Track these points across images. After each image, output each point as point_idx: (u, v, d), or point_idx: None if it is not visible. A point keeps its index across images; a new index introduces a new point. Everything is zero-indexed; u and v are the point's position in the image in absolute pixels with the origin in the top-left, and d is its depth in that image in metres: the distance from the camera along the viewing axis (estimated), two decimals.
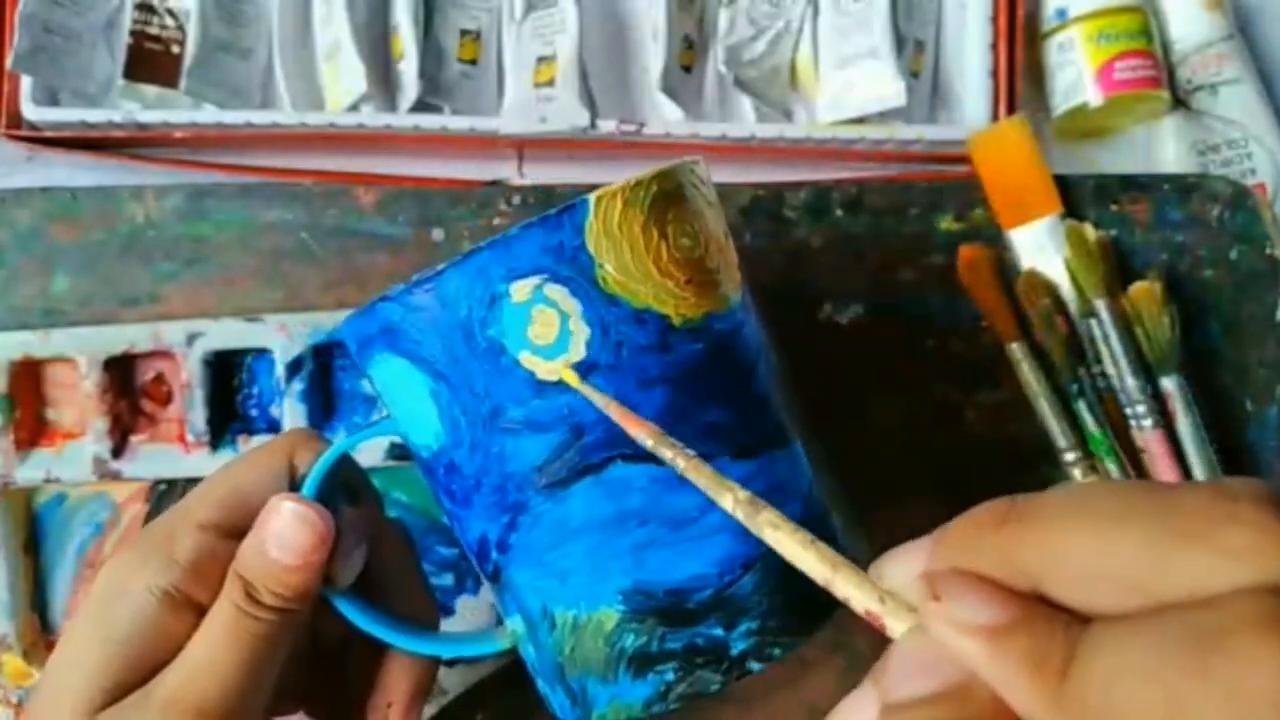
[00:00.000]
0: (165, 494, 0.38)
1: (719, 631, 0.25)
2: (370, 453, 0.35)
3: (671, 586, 0.25)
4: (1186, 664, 0.14)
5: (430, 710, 0.36)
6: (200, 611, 0.25)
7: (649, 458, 0.24)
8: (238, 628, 0.25)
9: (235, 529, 0.26)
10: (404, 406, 0.26)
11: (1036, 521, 0.17)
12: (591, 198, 0.25)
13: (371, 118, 0.43)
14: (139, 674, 0.25)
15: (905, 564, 0.18)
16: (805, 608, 0.26)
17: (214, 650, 0.25)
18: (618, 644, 0.25)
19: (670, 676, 0.25)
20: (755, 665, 0.25)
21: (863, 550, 0.28)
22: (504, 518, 0.25)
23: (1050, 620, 0.16)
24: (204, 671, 0.24)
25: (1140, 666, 0.15)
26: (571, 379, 0.24)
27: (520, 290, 0.24)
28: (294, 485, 0.27)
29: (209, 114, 0.43)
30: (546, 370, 0.24)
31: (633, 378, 0.25)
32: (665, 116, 0.45)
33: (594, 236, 0.25)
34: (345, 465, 0.27)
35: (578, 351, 0.24)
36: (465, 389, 0.24)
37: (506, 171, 0.46)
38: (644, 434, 0.23)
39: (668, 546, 0.25)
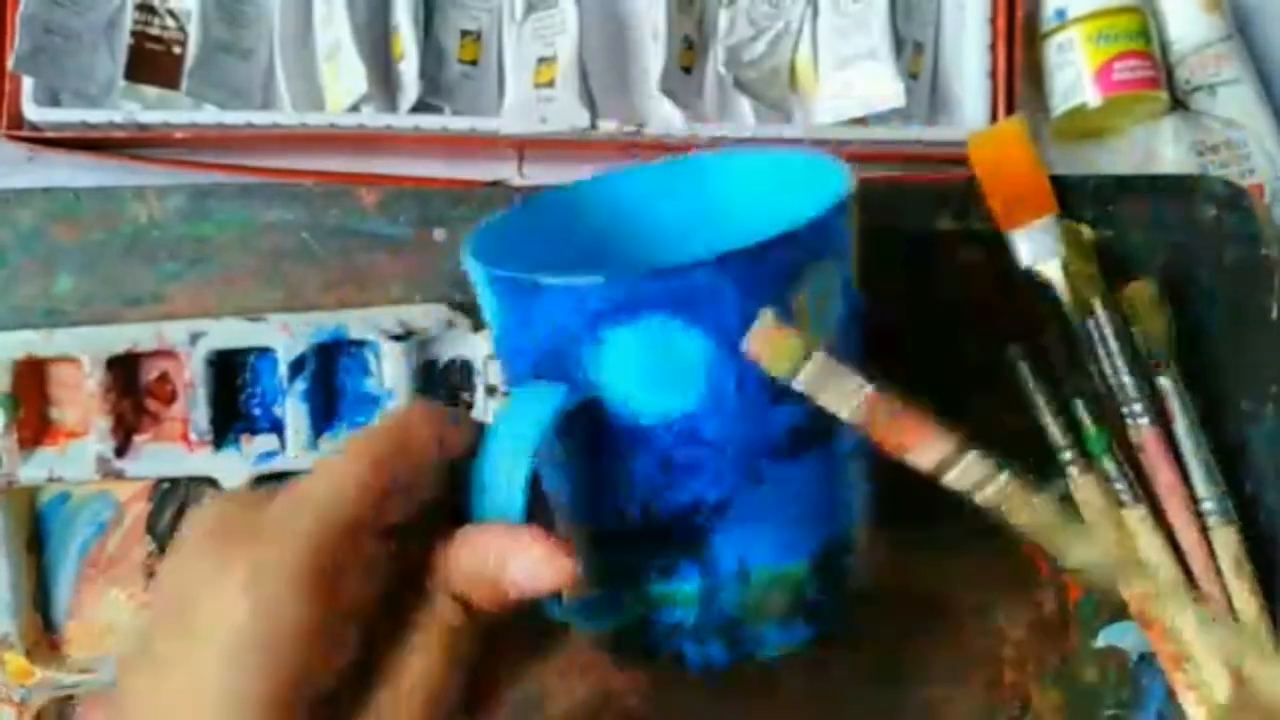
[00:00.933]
0: (168, 493, 0.38)
1: (856, 574, 0.29)
2: None
3: (848, 542, 0.28)
4: None
5: None
6: (350, 616, 0.22)
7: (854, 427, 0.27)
8: (456, 652, 0.23)
9: (388, 525, 0.23)
10: (647, 374, 0.25)
11: None
12: (851, 190, 0.27)
13: (372, 118, 0.43)
14: (304, 695, 0.21)
15: None
16: None
17: (439, 683, 0.23)
18: (802, 594, 0.27)
19: (829, 617, 0.28)
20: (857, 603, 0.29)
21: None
22: (737, 479, 0.26)
23: None
24: (419, 706, 0.22)
25: None
26: None
27: (818, 268, 0.26)
28: (452, 470, 0.24)
29: (210, 114, 0.43)
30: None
31: (854, 355, 0.27)
32: (665, 117, 0.45)
33: (849, 227, 0.28)
34: None
35: (833, 330, 0.27)
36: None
37: (507, 172, 0.46)
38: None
39: (846, 503, 0.28)
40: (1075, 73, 0.46)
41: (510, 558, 0.23)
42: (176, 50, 0.44)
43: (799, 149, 0.33)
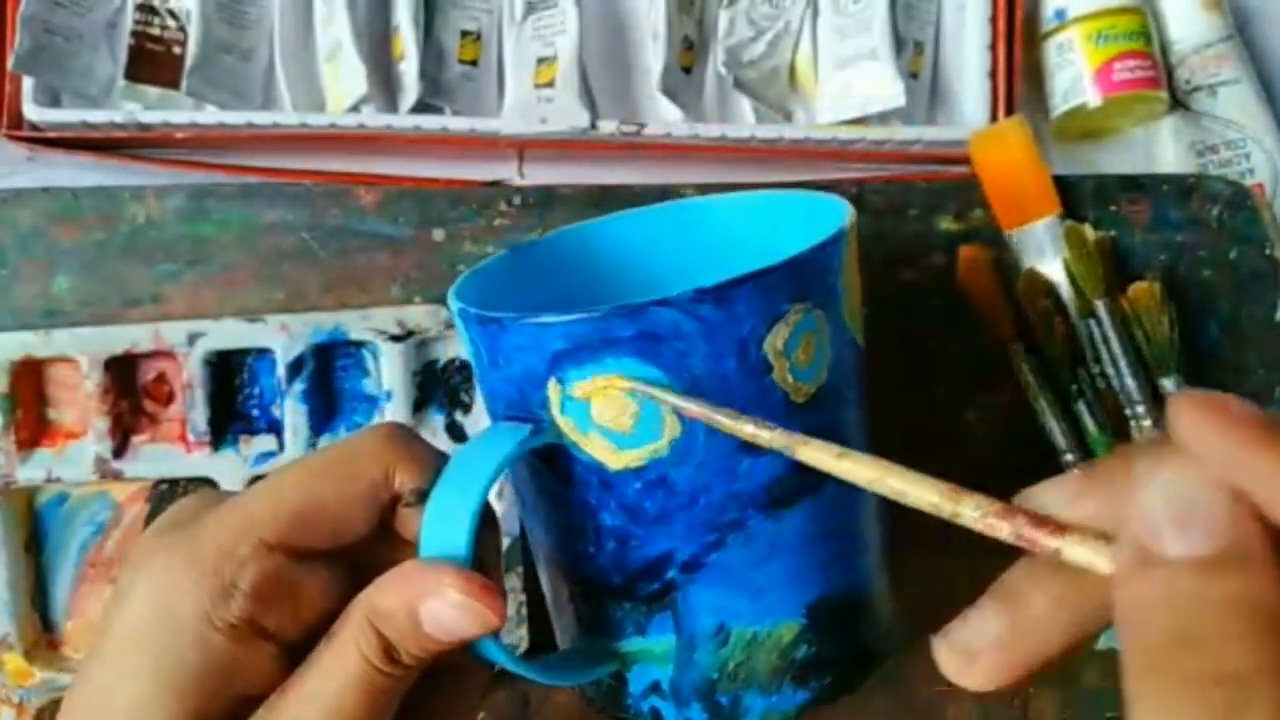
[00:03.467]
0: (166, 493, 0.38)
1: (865, 635, 0.27)
2: None
3: (846, 597, 0.26)
4: None
5: None
6: (268, 637, 0.22)
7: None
8: (367, 684, 0.22)
9: (308, 551, 0.23)
10: (611, 416, 0.24)
11: None
12: (847, 226, 0.26)
13: (372, 118, 0.43)
14: (215, 709, 0.22)
15: (1059, 491, 0.17)
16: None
17: (336, 707, 0.21)
18: (790, 655, 0.25)
19: (828, 680, 0.26)
20: (883, 661, 0.27)
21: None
22: (710, 536, 0.24)
23: None
24: None
25: None
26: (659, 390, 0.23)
27: (798, 312, 0.24)
28: (393, 503, 0.24)
29: (210, 115, 0.43)
30: (798, 393, 0.24)
31: (850, 403, 0.26)
32: (665, 117, 0.45)
33: (845, 268, 0.26)
34: None
35: (822, 376, 0.25)
36: (718, 405, 0.23)
37: (507, 172, 0.46)
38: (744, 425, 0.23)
39: (846, 559, 0.26)
40: (1075, 73, 0.46)
41: (426, 599, 0.21)
42: (177, 50, 0.44)
43: (800, 190, 0.31)
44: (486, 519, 0.24)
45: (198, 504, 0.24)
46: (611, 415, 0.24)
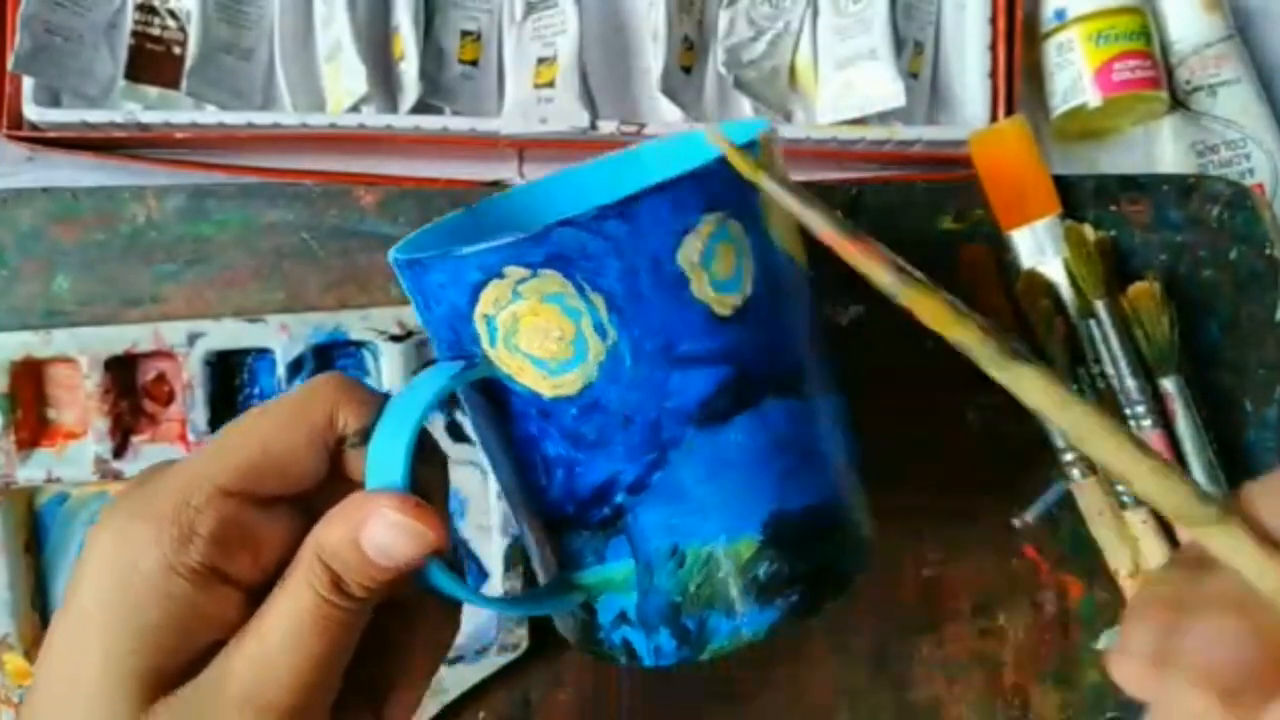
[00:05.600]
0: None
1: (834, 550, 0.26)
2: None
3: (808, 512, 0.25)
4: None
5: (431, 709, 0.37)
6: (229, 582, 0.23)
7: (793, 392, 0.26)
8: (321, 618, 0.22)
9: (262, 496, 0.23)
10: (536, 344, 0.25)
11: None
12: (759, 138, 0.25)
13: (372, 118, 0.43)
14: (179, 662, 0.22)
15: None
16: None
17: (294, 642, 0.22)
18: (751, 572, 0.25)
19: (795, 597, 0.26)
20: (854, 578, 0.27)
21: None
22: (650, 455, 0.24)
23: None
24: (282, 666, 0.22)
25: None
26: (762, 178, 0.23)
27: (710, 223, 0.24)
28: (339, 445, 0.24)
29: (210, 115, 0.43)
30: (722, 304, 0.24)
31: (785, 317, 0.26)
32: (665, 117, 0.45)
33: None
34: None
35: (746, 288, 0.24)
36: (639, 322, 0.24)
37: (507, 172, 0.46)
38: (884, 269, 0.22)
39: (803, 473, 0.26)
40: (1075, 73, 0.46)
41: (365, 523, 0.22)
42: (177, 50, 0.44)
43: (736, 119, 0.31)
44: (432, 457, 0.25)
45: (154, 468, 0.24)
46: (537, 342, 0.24)
